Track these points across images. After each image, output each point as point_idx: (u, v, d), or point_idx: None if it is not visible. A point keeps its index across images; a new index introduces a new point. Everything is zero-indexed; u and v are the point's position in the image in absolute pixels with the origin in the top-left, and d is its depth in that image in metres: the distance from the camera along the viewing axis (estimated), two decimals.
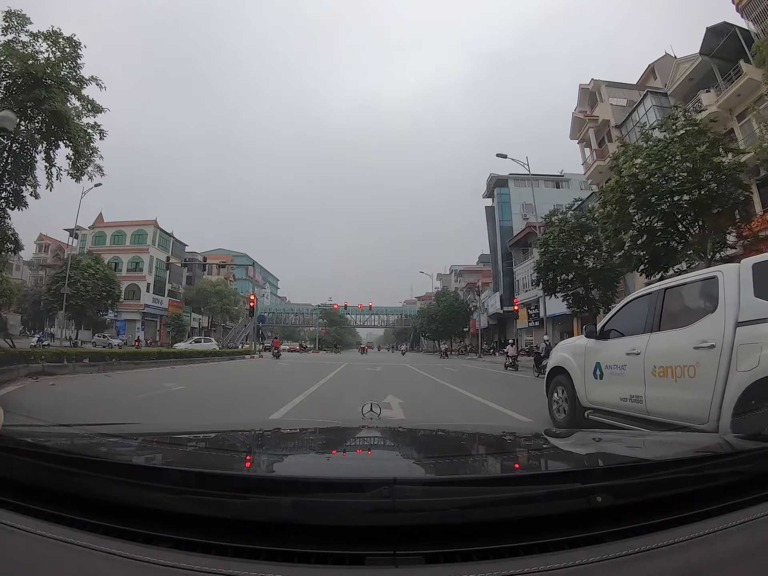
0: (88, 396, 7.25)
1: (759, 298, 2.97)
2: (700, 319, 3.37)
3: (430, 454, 1.25)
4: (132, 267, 44.86)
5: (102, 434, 1.20)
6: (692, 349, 3.25)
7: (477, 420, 5.36)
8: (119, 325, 44.04)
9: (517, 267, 35.57)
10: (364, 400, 1.97)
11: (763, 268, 3.08)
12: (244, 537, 0.62)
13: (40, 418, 1.73)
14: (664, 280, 4.62)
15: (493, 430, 1.80)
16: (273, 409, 5.88)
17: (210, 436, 1.37)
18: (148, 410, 5.90)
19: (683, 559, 0.61)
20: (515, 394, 9.28)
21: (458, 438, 1.52)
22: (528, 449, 1.31)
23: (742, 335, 2.96)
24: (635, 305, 4.26)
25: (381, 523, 0.64)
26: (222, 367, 17.55)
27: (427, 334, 44.74)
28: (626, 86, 29.68)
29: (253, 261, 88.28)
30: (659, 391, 3.54)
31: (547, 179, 43.06)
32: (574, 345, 5.06)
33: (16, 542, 0.62)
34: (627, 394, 3.88)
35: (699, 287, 3.64)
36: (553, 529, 0.65)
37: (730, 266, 3.37)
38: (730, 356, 2.98)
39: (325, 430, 1.63)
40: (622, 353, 4.01)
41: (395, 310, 70.91)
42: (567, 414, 4.78)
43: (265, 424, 2.15)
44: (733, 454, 0.93)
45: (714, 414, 2.99)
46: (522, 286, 34.26)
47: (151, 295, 44.26)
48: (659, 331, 3.71)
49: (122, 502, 0.68)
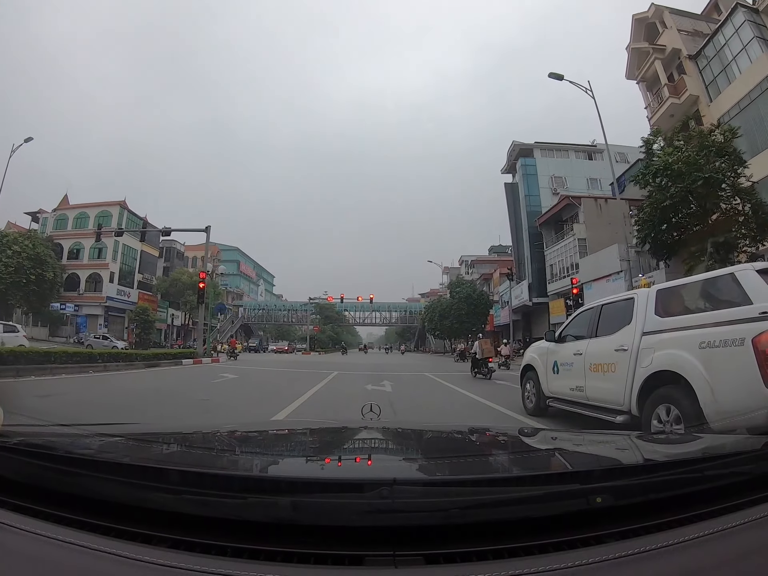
0: None
1: (657, 315, 3.94)
2: (621, 329, 4.31)
3: (430, 454, 1.25)
4: (94, 254, 38.61)
5: (102, 434, 1.20)
6: (614, 351, 4.24)
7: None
8: (80, 321, 37.87)
9: (549, 250, 29.20)
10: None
11: (664, 293, 4.09)
12: (244, 537, 0.63)
13: (41, 418, 1.75)
14: (603, 298, 5.41)
15: (493, 431, 1.79)
16: None
17: (210, 437, 1.35)
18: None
19: (683, 559, 0.61)
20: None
21: (458, 439, 1.50)
22: (528, 450, 1.28)
23: (644, 342, 3.93)
24: (584, 316, 5.28)
25: (381, 523, 0.64)
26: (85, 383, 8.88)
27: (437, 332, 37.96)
28: (692, 15, 23.32)
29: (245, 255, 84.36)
30: (594, 382, 4.57)
31: (578, 150, 36.70)
32: (539, 347, 6.19)
33: (16, 542, 0.62)
34: (574, 385, 4.93)
35: (623, 305, 4.49)
36: (553, 530, 0.65)
37: (642, 290, 4.54)
38: (636, 357, 3.95)
39: (325, 431, 1.65)
40: (570, 353, 5.09)
41: (398, 306, 64.05)
42: (534, 402, 5.96)
43: (266, 425, 2.13)
44: (733, 455, 0.92)
45: (627, 398, 3.98)
46: (558, 271, 27.87)
47: (116, 286, 37.98)
48: (596, 337, 4.74)
49: (122, 502, 0.68)
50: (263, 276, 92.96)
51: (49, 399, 6.23)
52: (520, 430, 1.93)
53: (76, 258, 39.12)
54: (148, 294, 41.36)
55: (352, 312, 63.85)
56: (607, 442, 1.32)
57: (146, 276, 42.17)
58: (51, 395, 6.58)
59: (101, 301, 37.03)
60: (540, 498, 0.69)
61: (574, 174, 34.78)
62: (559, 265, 27.66)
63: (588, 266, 24.45)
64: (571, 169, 34.95)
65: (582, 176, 34.86)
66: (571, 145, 36.58)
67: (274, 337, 62.37)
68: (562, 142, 36.68)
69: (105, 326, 37.58)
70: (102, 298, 37.05)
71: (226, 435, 1.41)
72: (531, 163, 34.10)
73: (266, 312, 61.19)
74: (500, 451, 1.32)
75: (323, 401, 7.18)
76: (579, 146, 36.51)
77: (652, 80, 23.25)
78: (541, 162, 34.49)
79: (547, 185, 33.66)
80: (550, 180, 33.91)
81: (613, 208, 27.60)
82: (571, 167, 35.10)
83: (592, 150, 36.80)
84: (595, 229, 26.21)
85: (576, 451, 1.23)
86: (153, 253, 44.34)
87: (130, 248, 40.63)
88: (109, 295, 37.27)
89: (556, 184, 33.93)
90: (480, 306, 32.29)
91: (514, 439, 1.49)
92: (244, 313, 59.01)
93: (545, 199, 32.72)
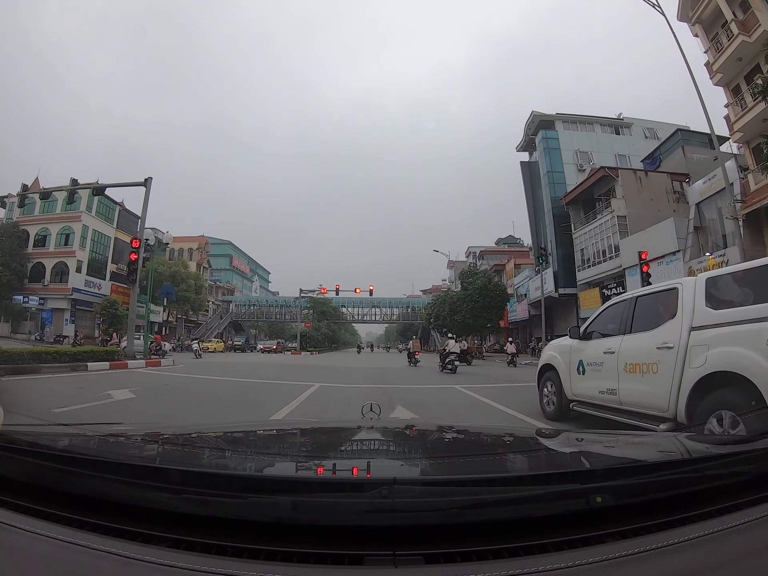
0: None
1: (709, 307, 3.47)
2: (663, 324, 3.85)
3: (430, 454, 1.24)
4: (61, 241, 34.40)
5: (102, 434, 1.20)
6: (655, 349, 3.77)
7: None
8: (45, 315, 33.69)
9: (578, 232, 25.06)
10: None
11: (714, 282, 3.63)
12: (244, 537, 0.63)
13: (41, 418, 1.72)
14: (636, 289, 5.01)
15: (492, 431, 1.79)
16: None
17: (210, 436, 1.35)
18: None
19: (683, 559, 0.61)
20: None
21: (458, 438, 1.49)
22: (528, 450, 1.26)
23: (694, 338, 3.48)
24: (613, 310, 4.78)
25: (380, 523, 0.64)
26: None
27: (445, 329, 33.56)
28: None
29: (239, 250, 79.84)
30: (629, 384, 4.07)
31: (604, 123, 32.57)
32: (561, 345, 5.62)
33: (16, 542, 0.62)
34: (604, 387, 4.43)
35: (663, 296, 4.06)
36: (553, 530, 0.65)
37: (688, 279, 3.99)
38: (684, 356, 3.50)
39: (325, 430, 1.62)
40: (600, 352, 4.57)
41: (400, 302, 59.32)
42: (555, 405, 5.39)
43: (266, 424, 2.11)
44: (733, 455, 0.91)
45: (672, 404, 3.53)
46: (592, 255, 23.73)
47: (84, 276, 33.75)
48: (630, 333, 4.25)
49: (122, 501, 0.68)
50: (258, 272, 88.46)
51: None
52: (520, 430, 2.01)
53: (42, 245, 34.98)
54: (124, 287, 37.07)
55: (350, 308, 59.46)
56: (607, 442, 1.30)
57: (121, 266, 37.92)
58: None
59: (67, 293, 32.81)
60: (540, 498, 0.68)
61: (601, 150, 30.71)
62: (593, 248, 23.54)
63: (632, 248, 20.35)
64: (598, 144, 30.87)
65: (609, 152, 30.80)
66: (596, 117, 32.45)
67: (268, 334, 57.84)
68: (587, 114, 32.54)
69: (72, 321, 33.48)
70: (68, 289, 32.83)
71: (226, 434, 1.38)
72: (553, 136, 30.01)
73: (258, 308, 56.84)
74: (500, 450, 1.29)
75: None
76: (605, 119, 32.41)
77: (711, 19, 19.09)
78: (564, 135, 30.41)
79: (572, 161, 29.59)
80: (575, 155, 29.83)
81: (655, 182, 23.74)
82: (597, 142, 31.01)
83: (620, 124, 32.76)
84: (635, 205, 22.19)
85: (576, 451, 1.20)
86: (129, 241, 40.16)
87: (102, 235, 36.41)
88: (76, 286, 33.04)
89: (582, 159, 29.82)
90: (496, 299, 28.00)
91: (514, 439, 1.46)
92: (234, 309, 54.79)
93: (570, 177, 28.68)
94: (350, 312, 60.34)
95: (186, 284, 35.66)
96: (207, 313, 52.18)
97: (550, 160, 29.19)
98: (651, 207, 22.16)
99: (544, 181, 29.17)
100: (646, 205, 22.24)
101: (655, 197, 22.72)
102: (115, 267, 37.29)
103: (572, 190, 25.88)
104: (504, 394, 8.06)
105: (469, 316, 27.96)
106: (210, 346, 33.71)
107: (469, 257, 53.37)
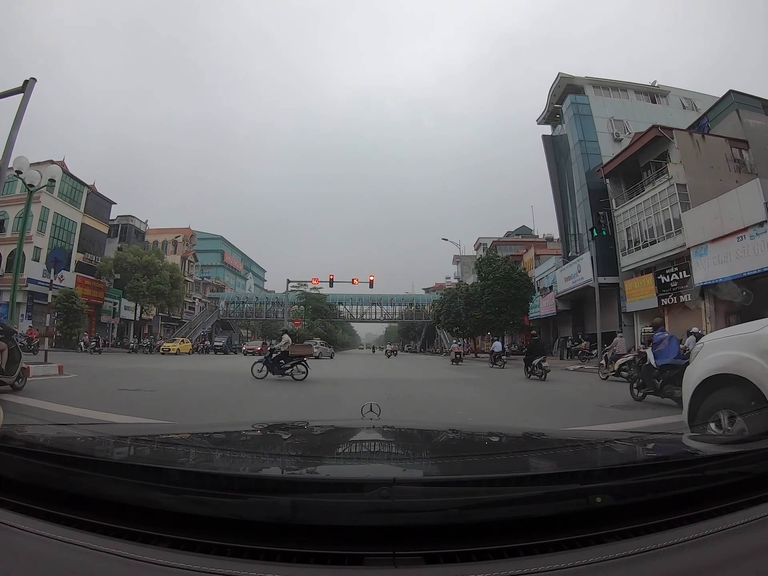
0: None
1: None
2: None
3: (430, 454, 1.24)
4: (18, 225, 30.05)
5: (102, 434, 1.20)
6: None
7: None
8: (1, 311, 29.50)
9: (621, 208, 20.80)
10: None
11: None
12: (243, 537, 0.63)
13: (41, 418, 1.69)
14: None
15: (492, 430, 1.75)
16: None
17: (210, 436, 1.34)
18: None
19: (683, 559, 0.61)
20: None
21: (458, 438, 1.47)
22: (528, 450, 1.25)
23: None
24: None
25: (380, 523, 0.64)
26: None
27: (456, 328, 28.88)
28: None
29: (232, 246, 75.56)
30: None
31: (638, 90, 28.35)
32: (758, 336, 2.79)
33: (16, 542, 0.62)
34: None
35: None
36: (553, 530, 0.65)
37: None
38: None
39: (324, 430, 1.61)
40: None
41: (402, 299, 54.48)
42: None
43: (265, 425, 1.86)
44: (734, 455, 0.90)
45: None
46: (641, 235, 19.45)
47: (42, 265, 29.40)
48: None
49: (122, 501, 0.68)
50: (252, 269, 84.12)
51: None
52: (520, 430, 1.86)
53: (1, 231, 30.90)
54: (91, 279, 32.80)
55: (347, 306, 54.98)
56: (608, 442, 1.27)
57: (88, 256, 33.64)
58: None
59: (21, 284, 28.50)
60: (540, 498, 0.68)
61: (637, 119, 26.50)
62: (643, 226, 19.26)
63: (699, 221, 16.14)
64: (633, 113, 26.69)
65: (645, 121, 26.54)
66: (629, 83, 28.26)
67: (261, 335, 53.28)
68: (620, 80, 28.37)
69: (28, 316, 29.27)
70: (23, 280, 28.54)
71: (226, 434, 1.39)
72: (584, 102, 25.79)
73: (250, 306, 52.39)
74: (500, 450, 1.27)
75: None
76: (640, 85, 28.24)
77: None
78: (596, 102, 26.22)
79: (606, 130, 25.39)
80: (609, 124, 25.64)
81: (713, 147, 19.58)
82: (632, 110, 26.83)
83: (655, 91, 28.58)
84: (695, 173, 18.02)
85: (576, 451, 1.18)
86: (100, 228, 35.72)
87: (66, 219, 32.15)
88: (32, 277, 28.77)
89: (617, 128, 25.59)
90: (522, 290, 23.55)
91: (515, 439, 1.44)
92: (224, 306, 50.39)
93: (605, 148, 24.51)
94: (348, 310, 55.84)
95: (160, 276, 31.25)
96: (192, 311, 47.90)
97: (582, 127, 25.00)
98: (711, 176, 18.04)
99: (575, 152, 24.96)
100: (707, 173, 18.13)
101: (715, 164, 18.60)
102: (82, 257, 33.10)
103: (613, 158, 21.69)
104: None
105: (489, 311, 23.47)
106: (171, 347, 28.42)
107: (479, 249, 48.87)
